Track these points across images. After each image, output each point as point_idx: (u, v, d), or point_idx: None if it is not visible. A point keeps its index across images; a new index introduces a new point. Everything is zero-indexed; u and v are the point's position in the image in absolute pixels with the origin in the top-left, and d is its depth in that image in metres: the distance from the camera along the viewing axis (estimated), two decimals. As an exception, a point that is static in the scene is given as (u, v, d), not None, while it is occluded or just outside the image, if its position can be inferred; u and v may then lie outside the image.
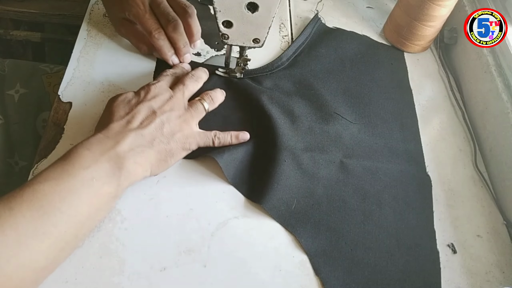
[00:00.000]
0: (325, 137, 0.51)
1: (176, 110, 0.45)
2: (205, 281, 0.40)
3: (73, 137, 0.48)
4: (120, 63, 0.55)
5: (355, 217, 0.46)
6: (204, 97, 0.49)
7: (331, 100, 0.55)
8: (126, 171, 0.39)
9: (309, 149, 0.49)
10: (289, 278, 0.41)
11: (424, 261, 0.45)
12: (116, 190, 0.39)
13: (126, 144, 0.39)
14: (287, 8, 0.68)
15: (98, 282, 0.38)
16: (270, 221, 0.45)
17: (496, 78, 0.55)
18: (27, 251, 0.32)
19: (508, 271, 0.46)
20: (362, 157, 0.51)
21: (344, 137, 0.52)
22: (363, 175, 0.49)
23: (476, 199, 0.51)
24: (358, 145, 0.52)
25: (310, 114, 0.53)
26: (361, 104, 0.56)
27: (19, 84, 0.64)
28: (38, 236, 0.32)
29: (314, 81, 0.57)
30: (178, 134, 0.44)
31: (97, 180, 0.37)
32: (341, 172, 0.49)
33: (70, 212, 0.35)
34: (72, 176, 0.36)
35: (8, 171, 0.60)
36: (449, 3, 0.58)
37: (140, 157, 0.40)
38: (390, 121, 0.56)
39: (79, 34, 0.57)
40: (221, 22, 0.47)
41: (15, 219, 0.32)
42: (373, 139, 0.53)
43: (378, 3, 0.72)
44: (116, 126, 0.41)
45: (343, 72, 0.59)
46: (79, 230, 0.36)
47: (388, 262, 0.44)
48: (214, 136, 0.47)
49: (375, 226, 0.46)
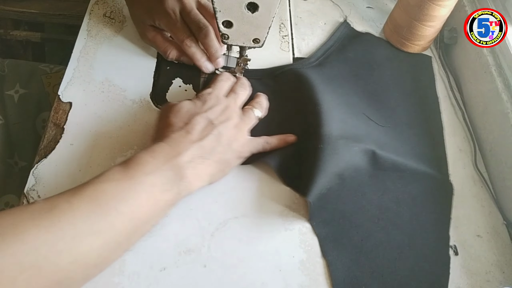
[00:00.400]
0: (358, 129, 0.51)
1: (231, 119, 0.46)
2: (205, 281, 0.40)
3: (73, 137, 0.48)
4: (120, 63, 0.55)
5: (370, 210, 0.46)
6: (254, 105, 0.50)
7: (358, 101, 0.56)
8: (186, 181, 0.40)
9: (344, 136, 0.49)
10: (289, 278, 0.41)
11: (434, 264, 0.45)
12: (174, 198, 0.39)
13: (188, 156, 0.40)
14: (287, 8, 0.68)
15: (98, 282, 0.38)
16: (270, 221, 0.45)
17: (496, 78, 0.55)
18: (81, 246, 0.32)
19: (508, 271, 0.46)
20: (393, 153, 0.51)
21: (375, 134, 0.52)
22: (390, 170, 0.49)
23: (476, 199, 0.51)
24: (387, 145, 0.52)
25: (340, 108, 0.53)
26: (387, 108, 0.56)
27: (19, 84, 0.64)
28: (93, 233, 0.33)
29: (342, 82, 0.57)
30: (235, 144, 0.45)
31: (158, 187, 0.37)
32: (370, 163, 0.49)
33: (127, 214, 0.35)
34: (133, 179, 0.36)
35: (8, 171, 0.60)
36: (449, 3, 0.58)
37: (200, 168, 0.41)
38: (416, 127, 0.56)
39: (79, 34, 0.57)
40: (221, 22, 0.47)
41: (73, 213, 0.33)
42: (399, 143, 0.53)
43: (378, 3, 0.72)
44: (177, 136, 0.42)
45: (371, 77, 0.60)
46: (133, 233, 0.37)
47: (397, 258, 0.44)
48: (264, 142, 0.48)
49: (389, 222, 0.46)
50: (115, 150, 0.48)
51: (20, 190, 0.44)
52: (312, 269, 0.42)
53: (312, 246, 0.44)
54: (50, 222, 0.32)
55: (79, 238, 0.32)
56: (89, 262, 0.33)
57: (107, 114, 0.50)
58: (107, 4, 0.62)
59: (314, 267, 0.42)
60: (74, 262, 0.32)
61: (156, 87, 0.54)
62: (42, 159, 0.46)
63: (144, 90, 0.53)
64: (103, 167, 0.46)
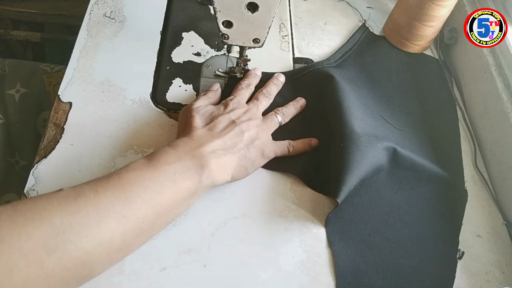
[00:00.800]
0: (377, 129, 0.52)
1: (253, 120, 0.48)
2: (205, 281, 0.40)
3: (73, 137, 0.48)
4: (120, 63, 0.55)
5: (382, 207, 0.47)
6: (277, 112, 0.52)
7: (375, 104, 0.56)
8: (208, 169, 0.41)
9: (366, 134, 0.49)
10: (289, 278, 0.41)
11: (440, 266, 0.45)
12: (196, 186, 0.40)
13: (210, 147, 0.42)
14: (287, 8, 0.68)
15: (98, 282, 0.38)
16: (270, 221, 0.45)
17: (496, 78, 0.55)
18: (106, 230, 0.34)
19: (508, 271, 0.46)
20: (412, 154, 0.51)
21: (393, 136, 0.53)
22: (408, 169, 0.50)
23: (476, 199, 0.51)
24: (405, 146, 0.52)
25: (359, 108, 0.53)
26: (404, 113, 0.57)
27: (19, 83, 0.64)
28: (118, 218, 0.34)
29: (359, 84, 0.58)
30: (257, 141, 0.46)
31: (179, 175, 0.39)
32: (390, 160, 0.49)
33: (150, 201, 0.36)
34: (156, 169, 0.38)
35: (9, 170, 0.60)
36: (449, 3, 0.58)
37: (222, 159, 0.42)
38: (433, 134, 0.56)
39: (79, 34, 0.57)
40: (221, 22, 0.47)
41: (99, 200, 0.34)
42: (417, 146, 0.53)
43: (378, 3, 0.72)
44: (199, 132, 0.44)
45: (388, 81, 0.60)
46: (156, 220, 0.38)
47: (403, 256, 0.44)
48: (289, 144, 0.49)
49: (398, 220, 0.46)
50: (115, 150, 0.48)
51: (21, 189, 0.44)
52: (312, 269, 0.42)
53: (312, 246, 0.44)
54: (77, 208, 0.33)
55: (103, 224, 0.34)
56: (113, 247, 0.35)
57: (107, 114, 0.50)
58: (107, 4, 0.62)
59: (314, 267, 0.42)
60: (99, 246, 0.33)
61: (156, 87, 0.54)
62: (42, 159, 0.46)
63: (144, 90, 0.53)
64: (103, 167, 0.46)
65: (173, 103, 0.53)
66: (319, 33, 0.65)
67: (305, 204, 0.46)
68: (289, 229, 0.45)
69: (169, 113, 0.52)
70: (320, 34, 0.65)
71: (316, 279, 0.42)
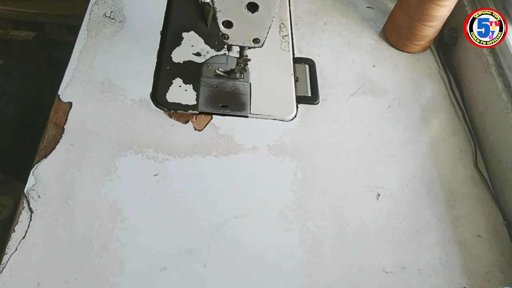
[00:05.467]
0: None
1: None
2: (205, 281, 0.40)
3: (73, 137, 0.48)
4: (120, 63, 0.55)
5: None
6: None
7: None
8: None
9: None
10: (289, 278, 0.41)
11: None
12: None
13: None
14: (287, 8, 0.68)
15: (98, 282, 0.38)
16: (270, 221, 0.45)
17: (496, 78, 0.55)
18: None
19: (508, 271, 0.46)
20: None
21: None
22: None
23: (476, 199, 0.51)
24: None
25: None
26: None
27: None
28: None
29: None
30: None
31: None
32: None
33: None
34: None
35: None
36: (449, 3, 0.58)
37: None
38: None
39: (79, 34, 0.57)
40: (221, 22, 0.47)
41: None
42: None
43: (378, 3, 0.72)
44: None
45: None
46: None
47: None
48: None
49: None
50: (115, 150, 0.48)
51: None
52: (312, 269, 0.42)
53: (312, 246, 0.44)
54: None
55: None
56: None
57: (107, 114, 0.50)
58: (107, 4, 0.62)
59: (314, 267, 0.42)
60: None
61: (156, 87, 0.54)
62: (42, 159, 0.45)
63: (144, 90, 0.53)
64: (103, 167, 0.46)
65: (173, 103, 0.53)
66: (319, 33, 0.65)
67: (305, 204, 0.46)
68: (289, 229, 0.45)
69: (169, 113, 0.52)
70: (320, 34, 0.65)
71: (316, 279, 0.42)
